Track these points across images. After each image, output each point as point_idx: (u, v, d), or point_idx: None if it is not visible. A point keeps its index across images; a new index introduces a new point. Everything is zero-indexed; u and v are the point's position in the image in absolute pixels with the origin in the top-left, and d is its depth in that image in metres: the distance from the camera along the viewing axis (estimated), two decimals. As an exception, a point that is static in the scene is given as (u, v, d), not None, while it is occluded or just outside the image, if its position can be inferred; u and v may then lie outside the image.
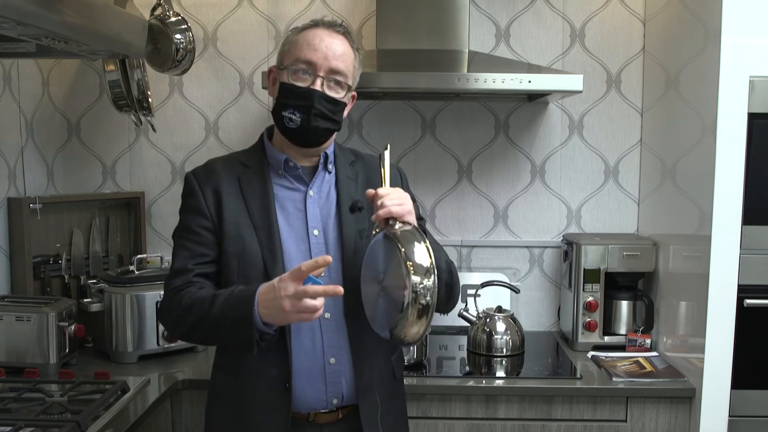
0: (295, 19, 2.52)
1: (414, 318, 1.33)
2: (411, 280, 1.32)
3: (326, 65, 1.46)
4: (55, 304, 2.02)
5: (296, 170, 1.54)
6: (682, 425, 2.01)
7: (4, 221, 2.20)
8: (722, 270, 1.89)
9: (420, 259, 1.35)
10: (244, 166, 1.55)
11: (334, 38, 1.49)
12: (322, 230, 1.52)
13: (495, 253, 2.60)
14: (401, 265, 1.34)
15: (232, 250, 1.48)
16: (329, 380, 1.49)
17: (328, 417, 1.50)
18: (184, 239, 1.52)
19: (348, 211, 1.54)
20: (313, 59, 1.46)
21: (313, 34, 1.49)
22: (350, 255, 1.50)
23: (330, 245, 1.51)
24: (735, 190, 1.88)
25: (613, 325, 2.37)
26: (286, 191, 1.53)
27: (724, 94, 1.86)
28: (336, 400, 1.50)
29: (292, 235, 1.50)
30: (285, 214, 1.51)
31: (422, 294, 1.33)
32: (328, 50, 1.46)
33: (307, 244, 1.51)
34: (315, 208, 1.53)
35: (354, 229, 1.52)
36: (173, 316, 1.48)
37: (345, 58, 1.49)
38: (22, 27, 1.38)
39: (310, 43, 1.47)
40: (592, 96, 2.53)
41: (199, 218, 1.51)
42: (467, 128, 2.56)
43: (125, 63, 2.32)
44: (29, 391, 1.76)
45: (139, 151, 2.59)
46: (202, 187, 1.52)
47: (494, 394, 2.02)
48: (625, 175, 2.56)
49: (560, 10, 2.52)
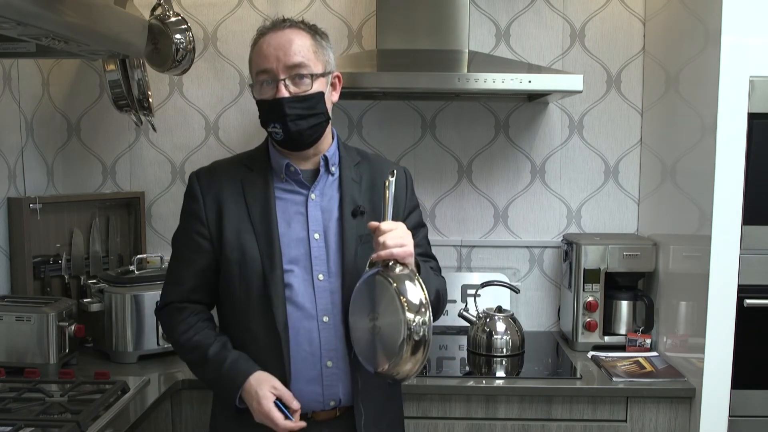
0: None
1: (408, 355, 1.34)
2: (405, 316, 1.33)
3: (281, 66, 1.45)
4: (55, 304, 2.02)
5: (297, 175, 1.54)
6: (682, 425, 2.01)
7: (4, 221, 2.20)
8: (722, 270, 1.89)
9: (413, 295, 1.35)
10: (248, 169, 1.56)
11: (281, 36, 1.47)
12: (323, 234, 1.52)
13: (495, 253, 2.60)
14: (395, 300, 1.35)
15: (233, 257, 1.50)
16: (326, 383, 1.50)
17: (327, 415, 1.52)
18: (183, 244, 1.56)
19: (350, 215, 1.53)
20: (266, 65, 1.46)
21: (261, 42, 1.49)
22: (350, 260, 1.50)
23: (330, 249, 1.51)
24: (735, 190, 1.88)
25: (613, 325, 2.37)
26: (287, 195, 1.54)
27: (724, 94, 1.85)
28: (333, 402, 1.51)
29: (293, 239, 1.50)
30: (286, 218, 1.52)
31: (416, 331, 1.33)
32: (277, 51, 1.46)
33: (308, 248, 1.51)
34: (316, 212, 1.53)
35: (355, 234, 1.52)
36: (168, 335, 1.60)
37: (298, 49, 1.46)
38: (22, 27, 1.38)
39: (260, 52, 1.48)
40: (592, 96, 2.53)
41: (197, 225, 1.54)
42: (467, 128, 2.56)
43: (125, 63, 2.32)
44: (29, 391, 1.76)
45: (139, 151, 2.59)
46: (204, 193, 1.54)
47: (494, 394, 2.02)
48: (625, 175, 2.56)
49: (560, 10, 2.52)
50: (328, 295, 1.50)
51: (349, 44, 2.54)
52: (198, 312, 1.55)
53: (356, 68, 2.20)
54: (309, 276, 1.50)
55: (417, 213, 1.68)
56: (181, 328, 1.53)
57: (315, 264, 1.50)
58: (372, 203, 1.56)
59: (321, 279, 1.50)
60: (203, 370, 1.52)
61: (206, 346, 1.50)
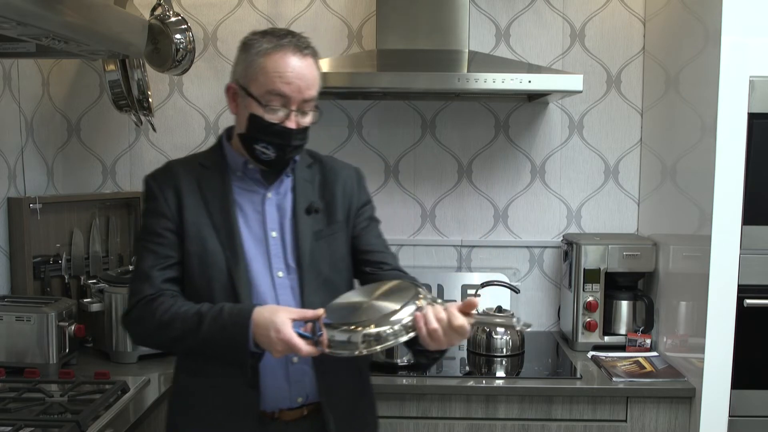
0: (295, 20, 2.51)
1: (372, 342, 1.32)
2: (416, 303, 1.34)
3: (299, 97, 1.43)
4: (55, 304, 2.02)
5: (255, 173, 1.53)
6: (682, 425, 2.01)
7: (4, 221, 2.19)
8: (722, 270, 1.89)
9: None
10: (204, 168, 1.54)
11: (304, 64, 1.43)
12: (279, 232, 1.53)
13: (495, 253, 2.60)
14: (412, 294, 1.37)
15: (192, 250, 1.48)
16: (293, 379, 1.49)
17: (293, 414, 1.50)
18: (149, 242, 1.49)
19: (304, 212, 1.54)
20: (286, 92, 1.42)
21: (282, 61, 1.42)
22: (307, 256, 1.51)
23: (287, 246, 1.52)
24: (735, 190, 1.88)
25: (613, 325, 2.37)
26: (244, 193, 1.53)
27: (724, 94, 1.86)
28: (300, 398, 1.50)
29: (251, 237, 1.51)
30: (244, 216, 1.51)
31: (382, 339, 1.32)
32: (300, 81, 1.42)
33: (266, 246, 1.51)
34: (273, 210, 1.54)
35: (310, 230, 1.53)
36: (146, 328, 1.46)
37: (315, 82, 1.46)
38: (22, 27, 1.38)
39: (282, 75, 1.41)
40: (592, 96, 2.53)
41: (162, 220, 1.49)
42: (467, 128, 2.56)
43: (125, 63, 2.32)
44: (29, 391, 1.76)
45: (139, 151, 2.59)
46: (162, 189, 1.51)
47: (494, 394, 2.02)
48: (625, 175, 2.56)
49: (560, 10, 2.52)
50: (289, 292, 1.50)
51: (349, 44, 2.54)
52: (173, 295, 1.47)
53: (356, 68, 2.20)
54: (268, 273, 1.50)
55: (370, 207, 1.68)
56: (160, 309, 1.43)
57: (273, 261, 1.50)
58: (324, 200, 1.58)
59: (280, 276, 1.50)
60: (200, 330, 1.39)
61: (197, 308, 1.42)
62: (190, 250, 1.48)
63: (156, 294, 1.45)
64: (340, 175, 1.63)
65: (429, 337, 1.31)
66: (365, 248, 1.63)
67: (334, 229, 1.58)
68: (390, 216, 2.57)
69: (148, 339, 1.55)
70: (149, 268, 1.47)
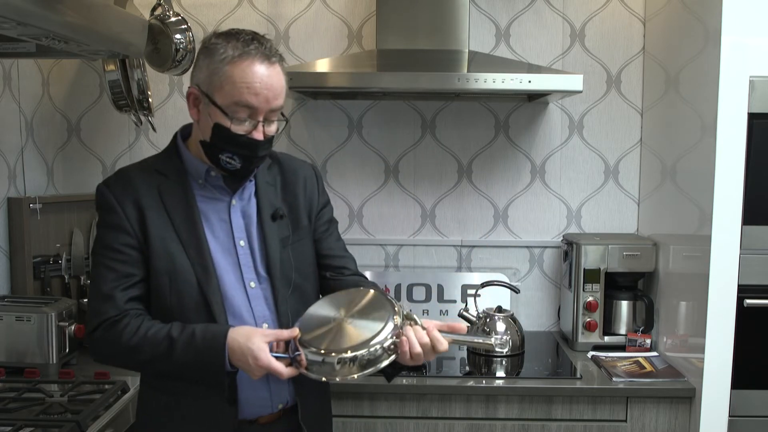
0: (295, 20, 2.51)
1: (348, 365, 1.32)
2: (393, 321, 1.35)
3: (266, 107, 1.38)
4: (55, 304, 2.02)
5: (218, 180, 1.48)
6: (682, 425, 2.01)
7: (4, 221, 2.19)
8: (722, 270, 1.89)
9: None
10: (162, 176, 1.47)
11: (271, 73, 1.38)
12: (247, 240, 1.50)
13: (495, 253, 2.60)
14: (388, 310, 1.37)
15: (161, 267, 1.42)
16: (273, 388, 1.47)
17: (270, 417, 1.50)
18: (108, 259, 1.42)
19: (270, 219, 1.51)
20: (254, 104, 1.37)
21: (250, 71, 1.35)
22: (276, 264, 1.49)
23: (256, 255, 1.49)
24: (735, 190, 1.88)
25: (613, 325, 2.37)
26: (208, 201, 1.48)
27: (724, 94, 1.85)
28: (281, 404, 1.50)
29: (219, 248, 1.46)
30: (210, 226, 1.47)
31: (389, 346, 1.33)
32: (268, 92, 1.37)
33: (236, 256, 1.48)
34: (239, 218, 1.50)
35: (277, 238, 1.51)
36: (112, 351, 1.42)
37: (282, 91, 1.41)
38: (22, 27, 1.38)
39: (250, 85, 1.35)
40: (592, 96, 2.53)
41: (121, 235, 1.42)
42: (467, 128, 2.56)
43: (125, 63, 2.31)
44: (29, 391, 1.76)
45: (139, 151, 2.59)
46: (121, 201, 1.43)
47: (494, 394, 2.02)
48: (625, 175, 2.56)
49: (560, 10, 2.52)
50: (263, 302, 1.48)
51: (349, 44, 2.54)
52: (138, 315, 1.42)
53: (356, 68, 2.20)
54: (240, 284, 1.47)
55: (330, 208, 1.68)
56: (126, 332, 1.37)
57: (244, 271, 1.48)
58: (288, 204, 1.55)
59: (253, 286, 1.48)
60: (173, 355, 1.36)
61: (166, 331, 1.37)
62: (159, 268, 1.42)
63: (120, 315, 1.39)
64: (299, 175, 1.61)
65: (410, 358, 1.35)
66: (326, 253, 1.62)
67: (300, 235, 1.56)
68: (390, 216, 2.58)
69: (114, 361, 1.49)
70: (111, 288, 1.40)
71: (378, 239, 2.56)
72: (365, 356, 1.31)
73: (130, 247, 1.42)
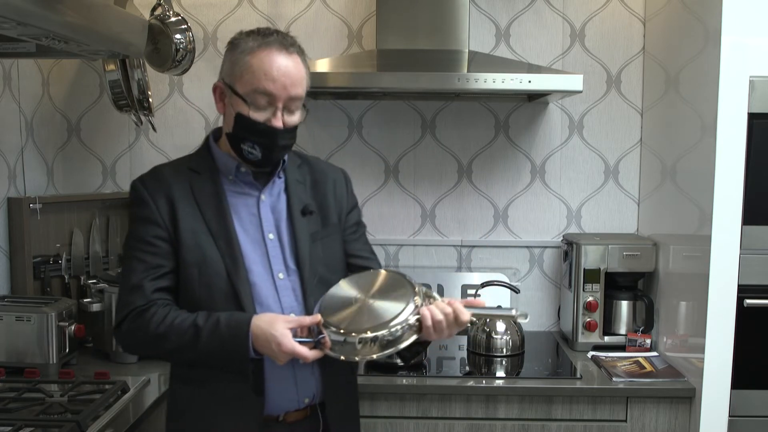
0: (295, 20, 2.52)
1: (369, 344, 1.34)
2: (414, 300, 1.37)
3: (285, 95, 1.42)
4: (55, 304, 2.02)
5: (248, 176, 1.52)
6: (682, 425, 2.01)
7: (4, 221, 2.19)
8: (722, 270, 1.89)
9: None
10: (194, 172, 1.52)
11: (289, 62, 1.42)
12: (276, 234, 1.52)
13: (495, 253, 2.60)
14: (408, 289, 1.39)
15: (191, 259, 1.45)
16: (300, 381, 1.49)
17: (297, 415, 1.51)
18: (139, 251, 1.46)
19: (300, 214, 1.53)
20: (272, 91, 1.41)
21: (268, 59, 1.41)
22: (305, 257, 1.51)
23: (285, 248, 1.52)
24: (735, 190, 1.88)
25: (613, 325, 2.37)
26: (238, 196, 1.52)
27: (724, 94, 1.86)
28: (307, 399, 1.51)
29: (249, 240, 1.49)
30: (239, 220, 1.50)
31: (390, 339, 1.34)
32: (286, 79, 1.41)
33: (264, 249, 1.50)
34: (268, 213, 1.53)
35: (307, 232, 1.53)
36: (140, 340, 1.45)
37: (302, 80, 1.45)
38: (22, 27, 1.38)
39: (267, 72, 1.40)
40: (592, 96, 2.53)
41: (153, 228, 1.46)
42: (467, 128, 2.56)
43: (125, 63, 2.32)
44: (29, 391, 1.76)
45: (139, 151, 2.59)
46: (153, 196, 1.48)
47: (494, 394, 2.02)
48: (625, 175, 2.56)
49: (560, 10, 2.52)
50: (291, 293, 1.50)
51: (349, 44, 2.54)
52: (166, 304, 1.45)
53: (356, 68, 2.20)
54: (269, 275, 1.49)
55: (358, 211, 1.70)
56: (154, 321, 1.41)
57: (273, 263, 1.50)
58: (317, 202, 1.58)
59: (281, 277, 1.50)
60: (198, 343, 1.38)
61: (192, 319, 1.40)
62: (188, 260, 1.45)
63: (147, 305, 1.43)
64: (328, 177, 1.63)
65: (432, 329, 1.36)
66: (352, 254, 1.64)
67: (329, 231, 1.58)
68: (390, 216, 2.58)
69: (141, 350, 1.55)
70: (140, 278, 1.44)
71: (378, 239, 2.56)
72: (386, 336, 1.33)
73: (160, 239, 1.46)
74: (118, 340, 1.50)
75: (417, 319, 1.36)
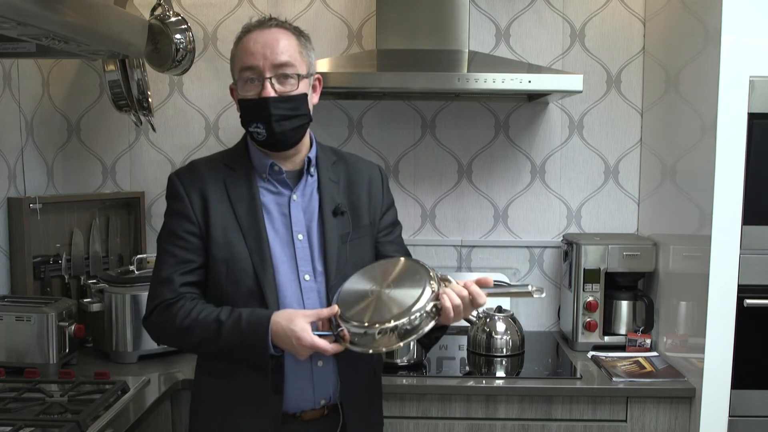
0: (295, 20, 2.51)
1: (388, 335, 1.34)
2: (431, 287, 1.36)
3: (268, 64, 1.44)
4: (55, 304, 2.02)
5: (281, 174, 1.53)
6: (682, 425, 2.01)
7: (4, 221, 2.20)
8: (722, 270, 1.89)
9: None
10: (230, 169, 1.54)
11: (268, 34, 1.46)
12: (306, 235, 1.53)
13: (495, 253, 2.60)
14: (424, 275, 1.38)
15: (220, 255, 1.48)
16: (317, 382, 1.50)
17: (314, 414, 1.52)
18: (170, 244, 1.50)
19: (331, 215, 1.53)
20: (253, 63, 1.44)
21: (247, 39, 1.47)
22: (333, 259, 1.51)
23: (314, 250, 1.52)
24: (735, 190, 1.88)
25: (613, 325, 2.37)
26: (270, 195, 1.53)
27: (724, 94, 1.85)
28: (323, 400, 1.52)
29: (278, 240, 1.51)
30: (270, 219, 1.51)
31: (409, 328, 1.34)
32: (264, 48, 1.44)
33: (293, 249, 1.51)
34: (299, 213, 1.53)
35: (337, 234, 1.53)
36: (167, 332, 1.50)
37: (286, 48, 1.46)
38: (22, 27, 1.38)
39: (247, 49, 1.45)
40: (592, 96, 2.53)
41: (185, 223, 1.50)
42: (467, 128, 2.56)
43: (125, 63, 2.32)
44: (29, 391, 1.76)
45: (139, 151, 2.59)
46: (188, 191, 1.51)
47: (494, 394, 2.02)
48: (625, 175, 2.56)
49: (560, 10, 2.52)
50: (315, 295, 1.50)
51: (349, 44, 2.54)
52: (193, 298, 1.49)
53: (356, 68, 2.20)
54: (295, 276, 1.50)
55: (393, 210, 1.69)
56: (180, 314, 1.44)
57: (300, 264, 1.50)
58: (350, 202, 1.58)
59: (307, 279, 1.50)
60: (220, 338, 1.41)
61: (216, 314, 1.43)
62: (217, 256, 1.48)
63: (176, 298, 1.47)
64: (364, 175, 1.63)
65: (453, 315, 1.37)
66: (384, 255, 1.63)
67: (360, 233, 1.57)
68: (390, 216, 2.58)
69: (168, 342, 1.62)
70: (170, 272, 1.48)
71: (378, 239, 2.56)
72: (405, 324, 1.33)
73: (192, 235, 1.49)
74: (147, 329, 1.54)
75: (434, 306, 1.36)
